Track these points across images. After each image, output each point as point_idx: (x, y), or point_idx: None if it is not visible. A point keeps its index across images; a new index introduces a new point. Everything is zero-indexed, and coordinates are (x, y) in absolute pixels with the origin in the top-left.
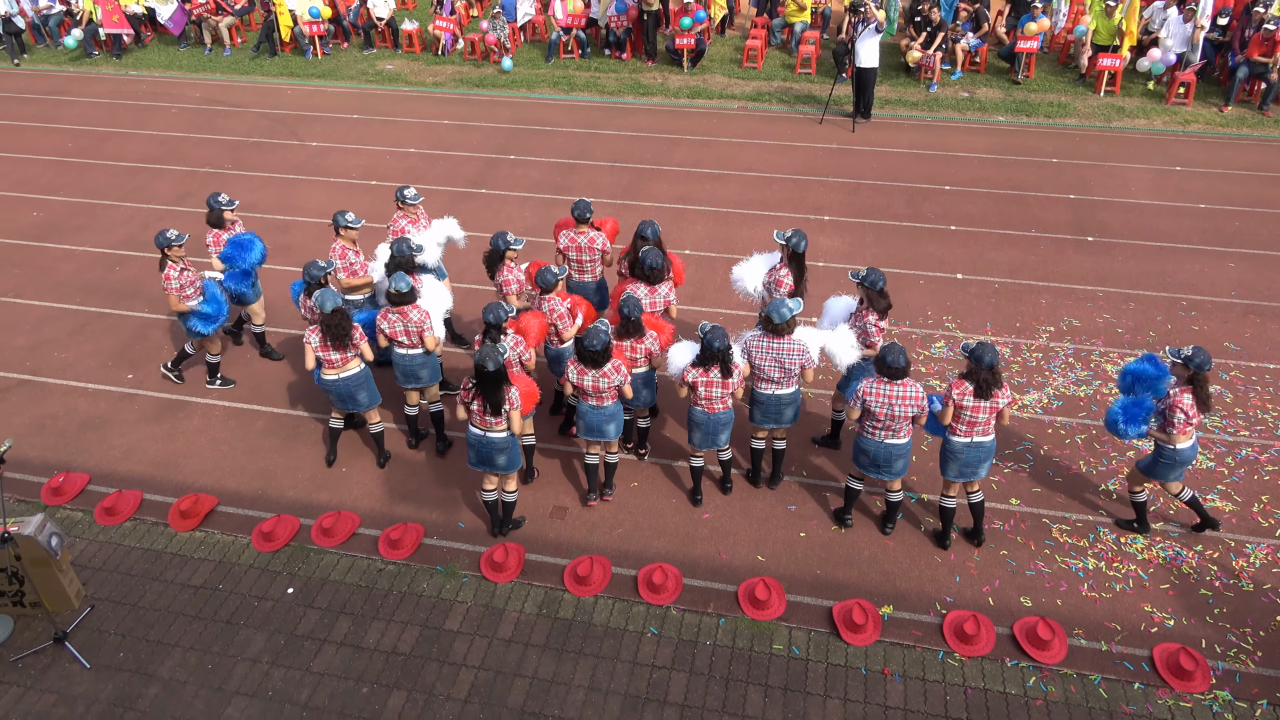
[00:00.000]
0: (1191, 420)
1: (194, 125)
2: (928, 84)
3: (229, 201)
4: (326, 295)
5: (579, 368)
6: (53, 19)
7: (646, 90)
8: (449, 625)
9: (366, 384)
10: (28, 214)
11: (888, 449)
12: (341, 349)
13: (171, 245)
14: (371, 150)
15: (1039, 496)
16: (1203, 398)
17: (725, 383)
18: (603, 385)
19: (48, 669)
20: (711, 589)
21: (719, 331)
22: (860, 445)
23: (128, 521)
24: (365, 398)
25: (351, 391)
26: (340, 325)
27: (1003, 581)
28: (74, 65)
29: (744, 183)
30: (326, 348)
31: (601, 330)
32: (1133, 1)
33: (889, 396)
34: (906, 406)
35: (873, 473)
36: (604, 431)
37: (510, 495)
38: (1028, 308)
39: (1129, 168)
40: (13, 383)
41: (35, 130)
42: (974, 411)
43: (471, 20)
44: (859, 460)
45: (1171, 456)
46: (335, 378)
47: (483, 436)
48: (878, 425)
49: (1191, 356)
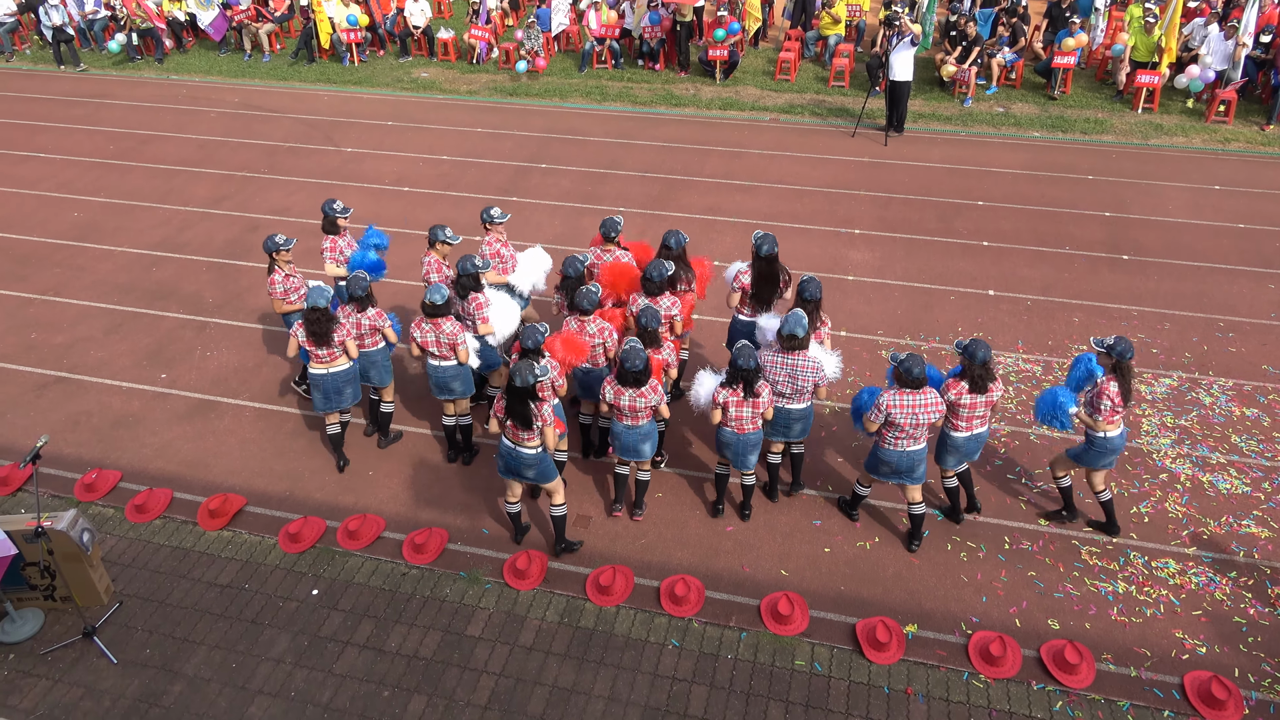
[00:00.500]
0: (1118, 408)
1: (232, 130)
2: (962, 98)
3: (344, 209)
4: (314, 291)
5: (616, 387)
6: (97, 23)
7: (679, 101)
8: (471, 631)
9: (353, 381)
10: (69, 214)
11: (910, 457)
12: (323, 345)
13: (279, 250)
14: (405, 157)
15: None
16: (1125, 388)
17: (755, 402)
18: (639, 405)
19: (76, 663)
20: (734, 602)
21: (746, 350)
22: (881, 456)
23: (157, 519)
24: (351, 393)
25: (338, 387)
26: (319, 323)
27: (1030, 603)
28: (117, 69)
29: (774, 195)
30: (310, 342)
31: (641, 350)
32: (1172, 18)
33: (912, 406)
34: (929, 413)
35: (893, 479)
36: (639, 451)
37: (558, 509)
38: (1060, 326)
39: (1166, 186)
40: (50, 379)
41: (79, 132)
42: (971, 408)
43: (506, 30)
44: (879, 470)
45: (1102, 445)
46: (323, 372)
47: (514, 450)
48: (901, 434)
49: (1114, 345)
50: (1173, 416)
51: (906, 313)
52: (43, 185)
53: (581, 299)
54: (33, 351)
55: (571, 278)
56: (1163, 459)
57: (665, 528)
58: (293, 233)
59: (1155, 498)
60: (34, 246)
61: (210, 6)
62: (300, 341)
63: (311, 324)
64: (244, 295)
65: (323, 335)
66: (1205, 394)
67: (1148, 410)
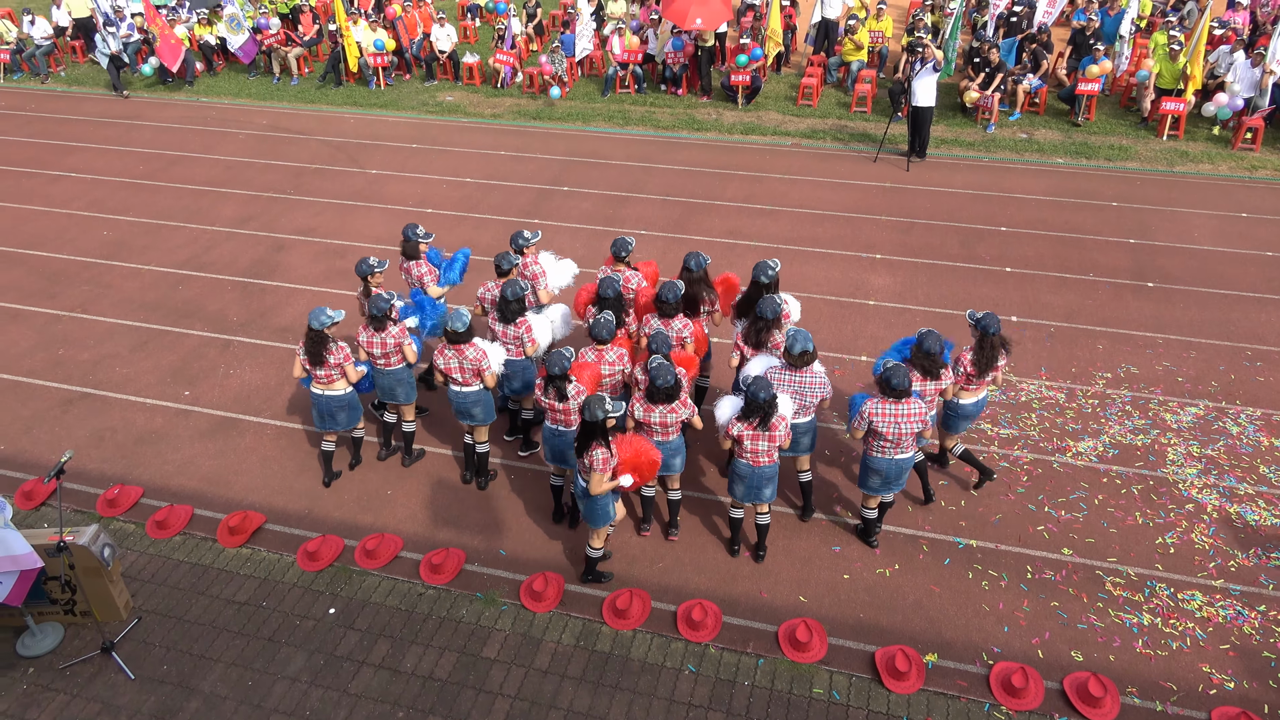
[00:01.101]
0: (972, 377)
1: (259, 151)
2: (985, 124)
3: (425, 234)
4: (313, 314)
5: (646, 405)
6: (130, 47)
7: (700, 125)
8: (486, 653)
9: (349, 408)
10: (99, 233)
11: (898, 465)
12: (320, 365)
13: (374, 272)
14: (428, 179)
15: (1092, 547)
16: (981, 360)
17: (771, 435)
18: (670, 420)
19: (94, 678)
20: (751, 628)
21: (762, 382)
22: (871, 466)
23: (178, 536)
24: (345, 418)
25: (332, 410)
26: (314, 343)
27: (1053, 634)
28: (149, 91)
29: (795, 219)
30: (307, 362)
31: (669, 368)
32: (1198, 45)
33: (894, 416)
34: (912, 423)
35: (883, 491)
36: (670, 465)
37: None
38: (1084, 353)
39: (1192, 213)
40: (76, 395)
41: (110, 153)
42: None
43: (531, 54)
44: (870, 483)
45: (955, 409)
46: (320, 393)
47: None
48: (886, 443)
49: (981, 319)
50: (1199, 446)
51: None
52: (74, 204)
53: (600, 329)
54: (60, 367)
55: (611, 299)
56: (1189, 489)
57: (683, 551)
58: (317, 253)
59: (1181, 528)
60: (64, 264)
61: (241, 31)
62: (300, 360)
63: (308, 345)
64: (268, 314)
65: (318, 356)
66: (1232, 423)
67: (1173, 439)
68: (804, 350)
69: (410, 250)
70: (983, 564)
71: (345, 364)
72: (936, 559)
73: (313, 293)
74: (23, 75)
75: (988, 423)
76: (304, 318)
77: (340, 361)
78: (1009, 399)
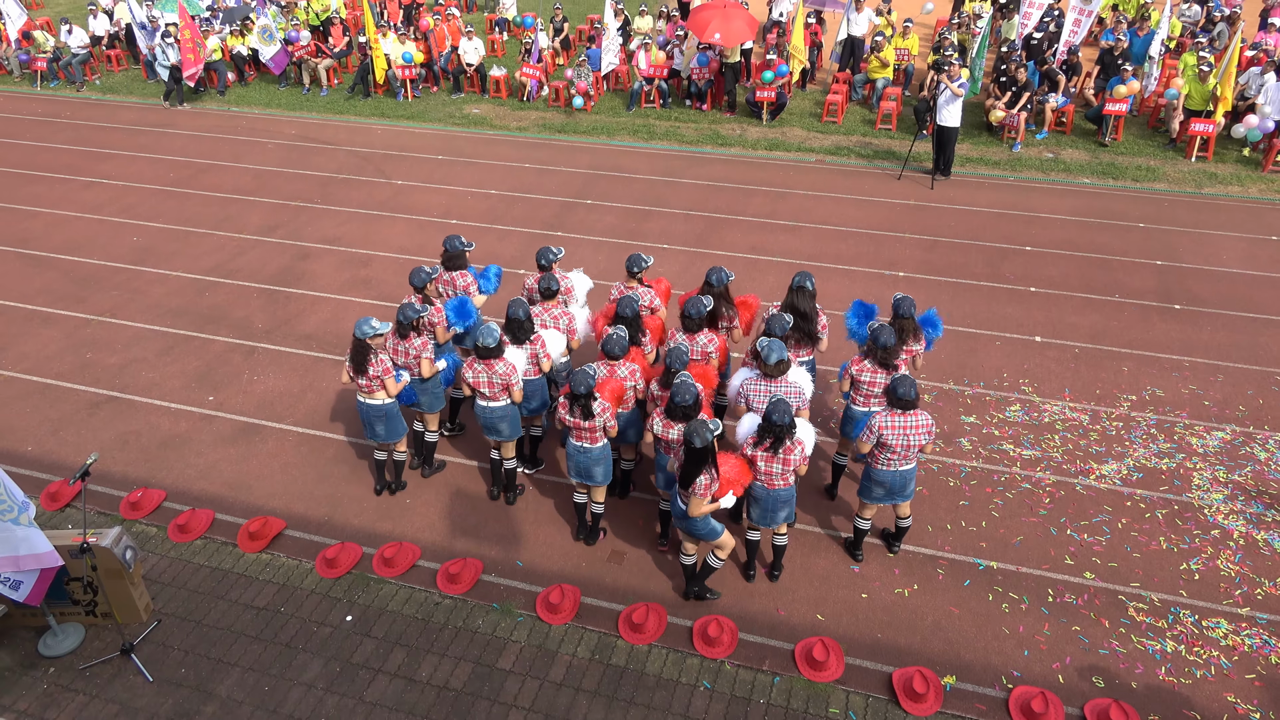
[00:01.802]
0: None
1: (288, 160)
2: (1011, 143)
3: (467, 243)
4: (360, 323)
5: (665, 420)
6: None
7: (725, 141)
8: (501, 664)
9: (387, 418)
10: (129, 239)
11: (902, 476)
12: (362, 374)
13: (432, 280)
14: (453, 190)
15: (1115, 572)
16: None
17: (787, 459)
18: None
19: (113, 679)
20: (768, 645)
21: (780, 405)
22: (874, 478)
23: (199, 539)
24: (383, 430)
25: (370, 419)
26: (358, 351)
27: (1074, 659)
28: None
29: (818, 235)
30: (351, 369)
31: (691, 384)
32: (1229, 66)
33: (903, 427)
34: (919, 434)
35: (885, 501)
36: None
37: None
38: (1109, 375)
39: (1221, 235)
40: (103, 398)
41: (141, 160)
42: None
43: (557, 68)
44: (872, 493)
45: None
46: (363, 401)
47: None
48: (893, 456)
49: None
50: (1225, 471)
51: (951, 357)
52: (106, 210)
53: (612, 345)
54: (87, 371)
55: (629, 318)
56: (1215, 514)
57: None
58: (342, 261)
59: (1206, 554)
60: (94, 269)
61: (272, 42)
62: (346, 368)
63: (353, 353)
64: (292, 321)
65: (360, 365)
66: (1260, 449)
67: (1199, 464)
68: (780, 360)
69: (458, 261)
70: (1003, 586)
71: (385, 376)
72: (956, 580)
73: (336, 301)
74: (59, 83)
75: (1010, 443)
76: (327, 325)
77: (379, 373)
78: (1032, 420)
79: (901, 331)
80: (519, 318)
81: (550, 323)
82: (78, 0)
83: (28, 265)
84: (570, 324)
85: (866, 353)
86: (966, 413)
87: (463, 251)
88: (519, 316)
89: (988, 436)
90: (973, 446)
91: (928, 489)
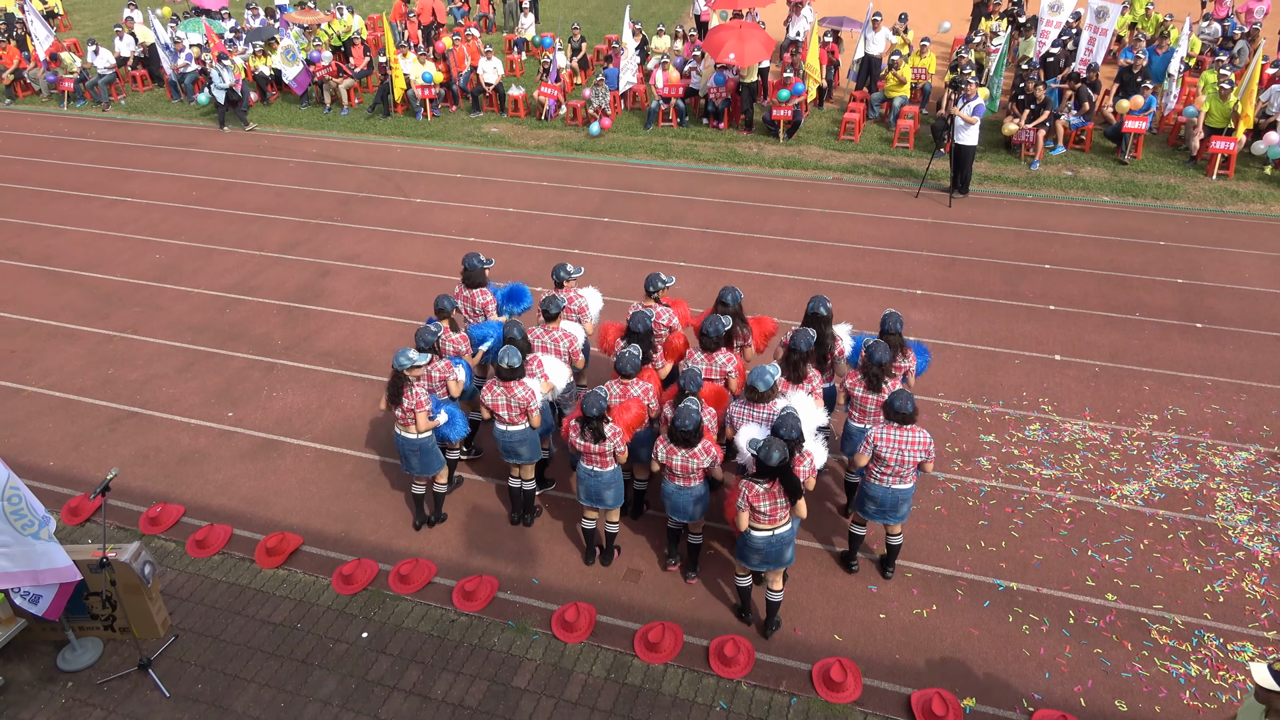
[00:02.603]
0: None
1: (308, 179)
2: (1029, 161)
3: (486, 260)
4: (399, 355)
5: (669, 447)
6: (188, 77)
7: (742, 159)
8: (517, 682)
9: (422, 452)
10: (151, 256)
11: (895, 494)
12: (398, 405)
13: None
14: (471, 208)
15: (1137, 594)
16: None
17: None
18: (692, 465)
19: (130, 694)
20: (785, 666)
21: (775, 443)
22: (868, 492)
23: (216, 555)
24: (418, 463)
25: (406, 453)
26: (395, 383)
27: (1096, 682)
28: (205, 119)
29: (835, 253)
30: (389, 399)
31: (693, 409)
32: (1250, 84)
33: (899, 442)
34: (915, 451)
35: (878, 519)
36: (691, 513)
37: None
38: (1129, 394)
39: (1243, 253)
40: (123, 414)
41: (165, 179)
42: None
43: (575, 88)
44: (865, 508)
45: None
46: (399, 434)
47: (770, 537)
48: (886, 471)
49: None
50: (1250, 492)
51: (969, 375)
52: (129, 228)
53: (625, 363)
54: (109, 386)
55: (640, 334)
56: (1239, 536)
57: (716, 585)
58: (359, 278)
59: (1231, 576)
60: (117, 286)
61: (295, 63)
62: (385, 398)
63: (391, 383)
64: (312, 338)
65: (396, 396)
66: None
67: (1223, 484)
68: (764, 386)
69: (477, 279)
70: (1023, 607)
71: (418, 410)
72: (975, 601)
73: (355, 318)
74: (85, 103)
75: (1030, 463)
76: (346, 342)
77: (412, 406)
78: (1052, 439)
79: (890, 347)
80: (515, 338)
81: (550, 345)
82: (104, 22)
83: (52, 282)
84: (571, 346)
85: (861, 369)
86: (985, 431)
87: (482, 269)
88: (515, 336)
89: (1007, 456)
90: (992, 466)
91: (946, 508)
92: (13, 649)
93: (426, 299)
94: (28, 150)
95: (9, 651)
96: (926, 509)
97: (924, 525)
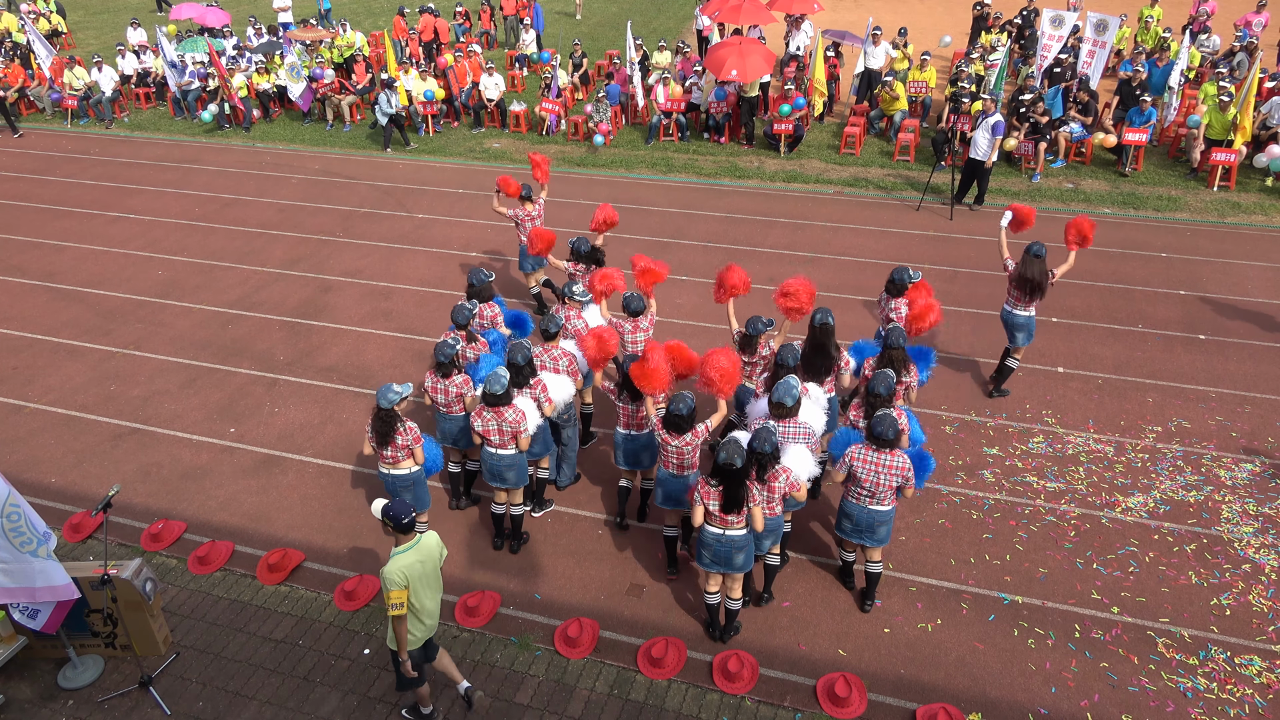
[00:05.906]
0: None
1: (311, 195)
2: (1030, 174)
3: (488, 274)
4: (381, 391)
5: (663, 435)
6: (191, 94)
7: (743, 173)
8: (519, 699)
9: (414, 488)
10: (154, 272)
11: (870, 515)
12: (387, 445)
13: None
14: (472, 223)
15: (1143, 607)
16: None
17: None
18: (685, 451)
19: (131, 712)
20: (789, 681)
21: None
22: (844, 510)
23: (218, 571)
24: (410, 499)
25: (396, 490)
26: (383, 422)
27: (1103, 696)
28: (208, 136)
29: (837, 266)
30: (374, 439)
31: (687, 395)
32: (1248, 96)
33: (875, 465)
34: (892, 476)
35: (855, 538)
36: (682, 502)
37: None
38: (1134, 406)
39: (1246, 265)
40: (126, 430)
41: (168, 195)
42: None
43: (576, 103)
44: (841, 525)
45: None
46: (386, 473)
47: (721, 535)
48: (862, 491)
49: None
50: (1255, 504)
51: (973, 388)
52: (132, 244)
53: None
54: (111, 403)
55: (584, 253)
56: (1245, 548)
57: None
58: (361, 294)
59: (1238, 589)
60: (120, 302)
61: (299, 79)
62: (369, 438)
63: (376, 424)
64: (314, 354)
65: (385, 437)
66: None
67: (1228, 496)
68: (791, 401)
69: (484, 293)
70: (1029, 621)
71: (414, 445)
72: (980, 614)
73: (358, 333)
74: (89, 120)
75: (1034, 475)
76: (349, 357)
77: (409, 443)
78: (1055, 451)
79: (891, 362)
80: (519, 363)
81: (550, 364)
82: (107, 40)
83: (55, 299)
84: (571, 365)
85: (863, 398)
86: (989, 444)
87: (488, 283)
88: (518, 362)
89: (1011, 469)
90: (996, 479)
91: (950, 522)
92: (13, 666)
93: (428, 314)
94: (31, 168)
95: (10, 669)
96: (930, 522)
97: (928, 539)
